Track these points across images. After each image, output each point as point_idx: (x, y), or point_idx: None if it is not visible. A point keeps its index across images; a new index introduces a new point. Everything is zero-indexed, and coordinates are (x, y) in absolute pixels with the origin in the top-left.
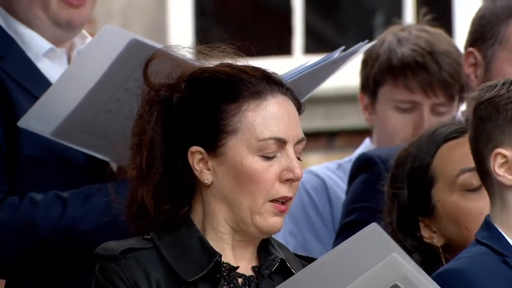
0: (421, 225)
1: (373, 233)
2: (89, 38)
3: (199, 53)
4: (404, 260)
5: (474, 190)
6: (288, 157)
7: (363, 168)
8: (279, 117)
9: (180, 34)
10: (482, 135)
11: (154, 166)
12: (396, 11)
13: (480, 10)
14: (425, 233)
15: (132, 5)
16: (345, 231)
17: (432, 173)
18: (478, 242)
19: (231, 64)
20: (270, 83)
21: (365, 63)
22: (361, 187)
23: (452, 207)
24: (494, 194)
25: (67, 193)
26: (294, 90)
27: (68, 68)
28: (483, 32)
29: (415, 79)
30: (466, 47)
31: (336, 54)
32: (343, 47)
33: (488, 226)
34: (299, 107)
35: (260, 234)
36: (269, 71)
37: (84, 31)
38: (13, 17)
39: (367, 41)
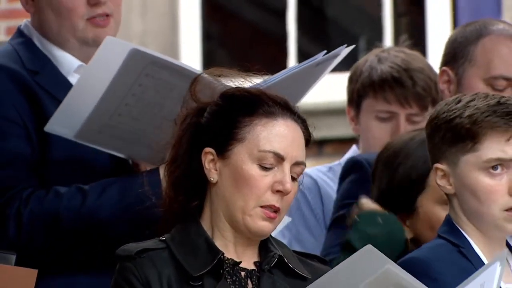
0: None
1: (369, 253)
2: None
3: (215, 74)
4: (398, 271)
5: None
6: (282, 172)
7: (352, 170)
8: (283, 136)
9: (190, 55)
10: (429, 151)
11: (177, 161)
12: (377, 37)
13: (452, 34)
14: None
15: (148, 30)
16: (336, 223)
17: (425, 183)
18: (438, 236)
19: (260, 89)
20: (284, 109)
21: (350, 80)
22: (350, 186)
23: (434, 217)
24: (448, 199)
25: (87, 186)
26: (306, 120)
27: (80, 78)
28: (454, 53)
29: (392, 92)
30: (440, 67)
31: (319, 57)
32: (324, 51)
33: (448, 222)
34: (308, 138)
35: (250, 235)
36: (288, 101)
37: None
38: (46, 40)
39: (345, 45)
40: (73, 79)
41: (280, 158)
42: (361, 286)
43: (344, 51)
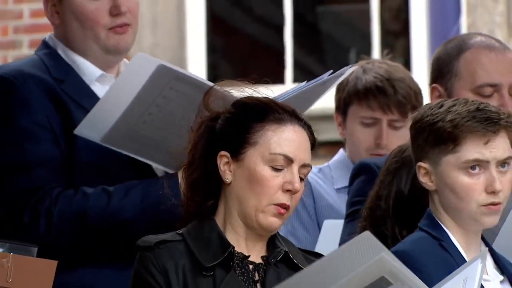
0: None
1: (366, 239)
2: None
3: (226, 85)
4: (391, 259)
5: None
6: (292, 173)
7: (361, 171)
8: (291, 140)
9: (196, 66)
10: (412, 151)
11: (194, 165)
12: (366, 49)
13: (436, 53)
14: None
15: (158, 44)
16: (350, 217)
17: None
18: (420, 229)
19: (269, 98)
20: (292, 115)
21: (338, 89)
22: (361, 185)
23: None
24: (429, 195)
25: (112, 187)
26: (311, 126)
27: (111, 87)
28: (440, 70)
29: (376, 100)
30: (430, 85)
31: (325, 76)
32: (331, 71)
33: (428, 216)
34: (313, 142)
35: (261, 231)
36: (295, 109)
37: (127, 60)
38: (70, 49)
39: (350, 65)
40: (95, 87)
41: (289, 160)
42: (355, 273)
43: (348, 70)
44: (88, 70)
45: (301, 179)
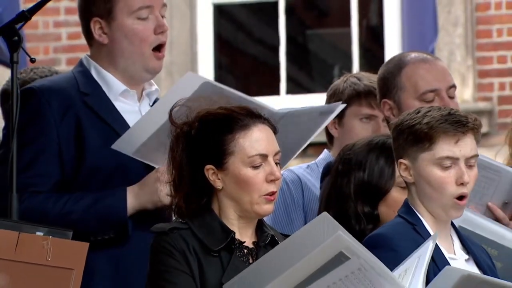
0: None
1: (324, 219)
2: (155, 85)
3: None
4: (348, 237)
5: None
6: (270, 165)
7: (330, 171)
8: (260, 139)
9: None
10: (394, 150)
11: (183, 180)
12: (347, 66)
13: (379, 74)
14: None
15: (174, 62)
16: None
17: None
18: (398, 215)
19: (226, 106)
20: (253, 117)
21: (332, 95)
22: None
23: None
24: (407, 187)
25: (72, 194)
26: (271, 120)
27: (157, 104)
28: (387, 87)
29: (375, 100)
30: (380, 101)
31: (315, 106)
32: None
33: (406, 205)
34: (275, 130)
35: (258, 217)
36: (251, 108)
37: (152, 81)
38: (103, 67)
39: (341, 102)
40: (117, 102)
41: (264, 156)
42: (315, 250)
43: (340, 106)
44: (115, 85)
45: (277, 164)
